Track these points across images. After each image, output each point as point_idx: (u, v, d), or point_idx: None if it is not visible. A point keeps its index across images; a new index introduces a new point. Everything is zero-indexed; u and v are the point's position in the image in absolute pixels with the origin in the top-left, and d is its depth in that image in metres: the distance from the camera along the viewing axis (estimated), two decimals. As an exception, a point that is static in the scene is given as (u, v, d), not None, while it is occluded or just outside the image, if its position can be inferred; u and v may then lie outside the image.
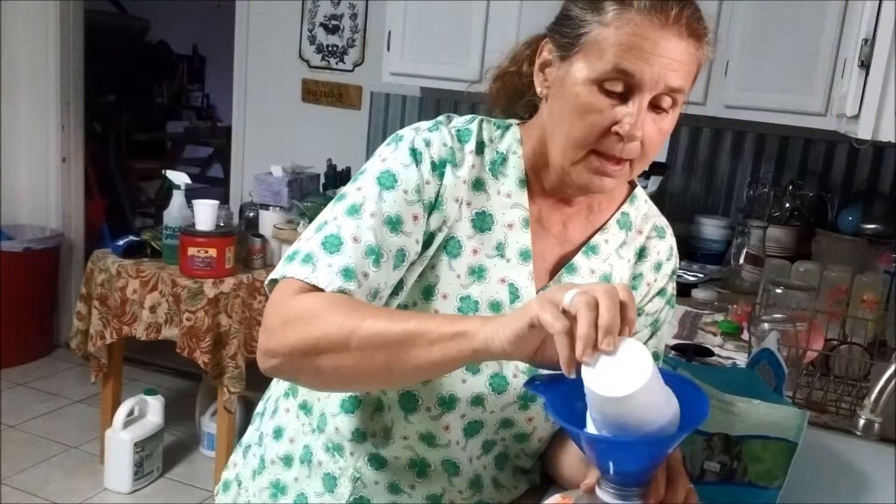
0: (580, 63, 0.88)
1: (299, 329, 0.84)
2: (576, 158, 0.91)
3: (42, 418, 3.34)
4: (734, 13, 2.41)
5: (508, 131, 1.00)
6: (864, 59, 1.38)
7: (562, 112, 0.91)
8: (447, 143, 0.95)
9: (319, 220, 0.94)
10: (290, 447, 1.06)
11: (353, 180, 0.96)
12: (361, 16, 3.35)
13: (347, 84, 3.41)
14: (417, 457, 0.99)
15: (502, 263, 0.96)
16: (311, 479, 1.03)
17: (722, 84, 2.45)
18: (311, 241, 0.91)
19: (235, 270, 2.76)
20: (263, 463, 1.09)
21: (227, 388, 2.71)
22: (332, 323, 0.83)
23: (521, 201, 0.98)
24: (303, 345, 0.84)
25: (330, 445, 1.02)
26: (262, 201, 3.02)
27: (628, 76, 0.86)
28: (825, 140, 2.68)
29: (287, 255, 0.91)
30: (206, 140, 6.69)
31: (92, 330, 2.79)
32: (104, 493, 2.83)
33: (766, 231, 2.40)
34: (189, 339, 2.62)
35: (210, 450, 3.03)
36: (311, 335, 0.83)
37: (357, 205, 0.92)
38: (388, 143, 0.98)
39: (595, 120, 0.87)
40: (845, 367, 1.53)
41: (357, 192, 0.93)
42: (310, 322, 0.84)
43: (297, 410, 1.06)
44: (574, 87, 0.88)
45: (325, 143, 3.36)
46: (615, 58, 0.85)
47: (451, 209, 0.95)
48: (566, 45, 0.90)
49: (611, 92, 0.87)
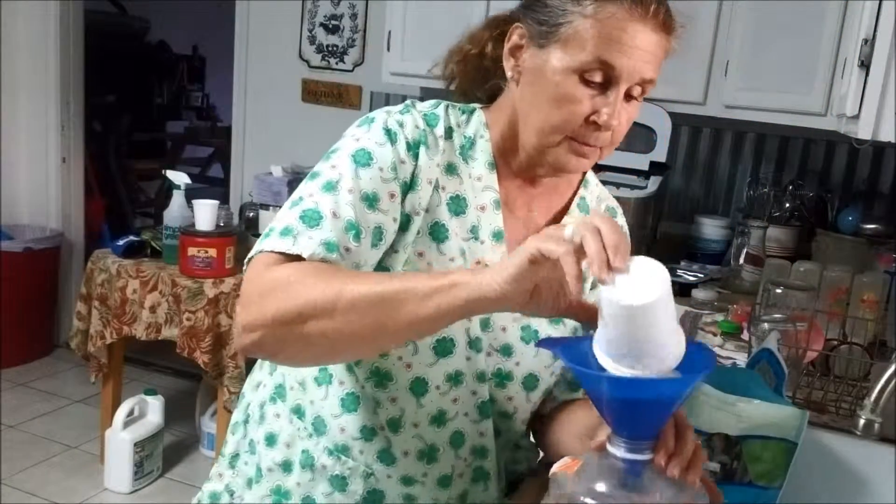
0: (558, 52, 0.89)
1: (280, 297, 0.81)
2: (551, 144, 0.93)
3: (42, 418, 3.34)
4: (734, 13, 2.41)
5: (473, 115, 1.02)
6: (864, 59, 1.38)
7: (538, 99, 0.92)
8: (419, 126, 0.96)
9: (293, 197, 0.92)
10: (287, 452, 1.05)
11: (325, 158, 0.95)
12: (361, 16, 3.35)
13: (347, 84, 3.41)
14: (426, 445, 1.01)
15: (477, 245, 0.98)
16: (316, 482, 1.03)
17: (722, 84, 2.45)
18: (287, 216, 0.88)
19: (235, 270, 2.76)
20: (260, 471, 1.07)
21: (227, 388, 2.71)
22: (314, 287, 0.80)
23: (491, 184, 0.99)
24: (284, 313, 0.80)
25: (333, 448, 1.01)
26: (262, 201, 3.02)
27: (608, 68, 0.87)
28: (825, 140, 2.68)
29: (263, 233, 0.89)
30: (206, 140, 6.69)
31: (92, 330, 2.80)
32: (104, 493, 2.83)
33: (766, 231, 2.40)
34: (189, 339, 2.62)
35: (210, 450, 3.03)
36: (294, 302, 0.80)
37: (333, 181, 0.91)
38: (359, 125, 0.97)
39: (574, 109, 0.89)
40: (845, 367, 1.53)
41: (332, 170, 0.92)
42: (290, 289, 0.81)
43: (290, 415, 1.05)
44: (553, 76, 0.90)
45: (325, 143, 3.31)
46: (597, 49, 0.87)
47: (425, 191, 0.95)
48: (543, 33, 0.91)
49: (590, 82, 0.89)
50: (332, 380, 1.01)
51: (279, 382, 1.07)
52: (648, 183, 2.47)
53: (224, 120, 6.39)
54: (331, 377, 1.01)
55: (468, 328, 0.96)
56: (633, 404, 0.71)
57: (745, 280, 2.33)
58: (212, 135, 6.67)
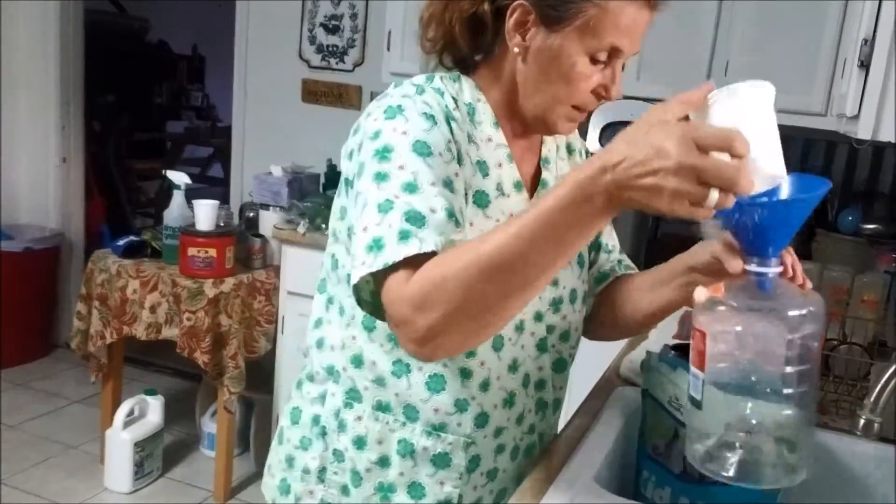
0: (573, 36, 0.97)
1: (442, 296, 0.80)
2: (556, 112, 1.03)
3: (42, 418, 3.34)
4: (734, 13, 2.41)
5: (461, 82, 1.06)
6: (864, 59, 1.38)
7: (549, 75, 1.00)
8: (440, 103, 0.99)
9: (377, 201, 0.89)
10: (381, 449, 1.07)
11: (382, 159, 0.92)
12: (361, 16, 3.35)
13: (347, 84, 3.41)
14: (507, 393, 1.09)
15: (505, 200, 1.05)
16: (419, 466, 1.07)
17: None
18: (390, 223, 0.86)
19: (235, 270, 2.76)
20: (358, 475, 1.08)
21: (227, 388, 2.71)
22: (464, 269, 0.79)
23: (501, 141, 1.07)
24: (455, 308, 0.80)
25: (430, 429, 1.06)
26: (262, 201, 3.02)
27: (616, 50, 0.98)
28: (825, 140, 2.68)
29: (364, 247, 0.86)
30: (206, 140, 6.69)
31: (92, 330, 2.80)
32: (104, 493, 2.83)
33: (766, 231, 2.40)
34: (189, 339, 2.62)
35: (210, 450, 3.03)
36: (457, 293, 0.80)
37: (411, 181, 0.89)
38: (390, 117, 0.96)
39: (584, 85, 1.00)
40: (845, 367, 1.53)
41: (402, 171, 0.90)
42: (446, 284, 0.80)
43: (373, 413, 1.07)
44: (567, 58, 0.98)
45: (325, 143, 3.36)
46: (609, 36, 0.96)
47: (467, 164, 1.01)
48: (555, 17, 0.97)
49: (597, 60, 0.98)
50: (411, 368, 1.04)
51: (350, 387, 1.08)
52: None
53: (224, 120, 6.39)
54: (408, 366, 1.04)
55: None
56: (770, 226, 0.82)
57: (745, 280, 2.32)
58: (212, 135, 6.66)
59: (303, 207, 2.84)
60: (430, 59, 1.10)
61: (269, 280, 2.86)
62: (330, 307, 1.10)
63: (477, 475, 1.10)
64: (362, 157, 0.95)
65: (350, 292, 0.95)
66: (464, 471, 1.08)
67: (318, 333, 1.12)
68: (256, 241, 2.89)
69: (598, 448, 1.11)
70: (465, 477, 1.08)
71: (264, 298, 2.84)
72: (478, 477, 1.10)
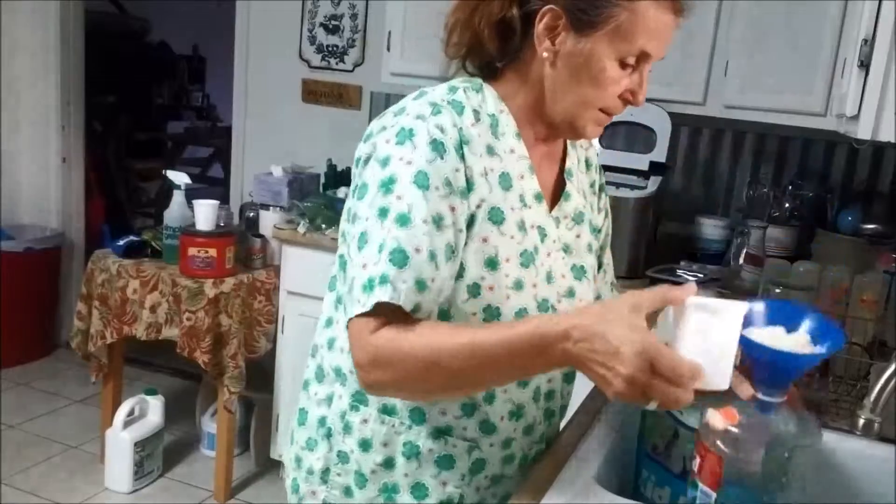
0: (604, 41, 0.98)
1: (398, 369, 0.92)
2: (585, 116, 1.04)
3: (42, 418, 3.34)
4: (734, 13, 2.41)
5: (483, 91, 1.06)
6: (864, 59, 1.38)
7: (579, 79, 1.01)
8: (456, 124, 0.99)
9: (378, 241, 0.95)
10: (386, 451, 1.08)
11: (384, 190, 0.96)
12: (361, 16, 3.35)
13: (347, 84, 3.41)
14: (515, 405, 1.10)
15: (526, 211, 1.06)
16: (423, 467, 1.08)
17: (722, 84, 2.45)
18: (378, 261, 0.94)
19: (236, 270, 2.76)
20: (363, 477, 1.10)
21: (227, 388, 2.71)
22: (428, 351, 0.91)
23: (522, 152, 1.07)
24: (405, 385, 0.95)
25: (436, 432, 1.07)
26: (262, 201, 3.01)
27: (645, 54, 1.00)
28: (825, 140, 2.68)
29: (361, 286, 0.94)
30: (207, 140, 6.69)
31: (92, 330, 2.80)
32: (104, 493, 2.83)
33: (766, 231, 2.40)
34: (189, 338, 2.62)
35: (210, 450, 3.03)
36: (415, 378, 0.93)
37: (405, 213, 0.94)
38: (400, 143, 0.98)
39: (613, 89, 1.01)
40: (845, 367, 1.53)
41: (399, 202, 0.95)
42: (405, 358, 0.92)
43: (378, 416, 1.08)
44: (598, 62, 0.99)
45: (325, 144, 3.36)
46: (639, 41, 0.98)
47: (481, 185, 1.01)
48: (587, 22, 0.98)
49: (626, 65, 1.00)
50: None
51: (356, 390, 1.09)
52: (648, 183, 2.47)
53: (224, 120, 6.39)
54: None
55: (535, 293, 1.06)
56: (784, 370, 0.91)
57: (745, 280, 2.32)
58: (212, 135, 6.67)
59: (303, 207, 2.84)
60: (451, 64, 1.10)
61: (270, 280, 2.86)
62: (338, 306, 1.11)
63: (480, 478, 1.11)
64: (367, 178, 0.99)
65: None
66: (467, 472, 1.09)
67: (328, 333, 1.13)
68: (256, 241, 2.89)
69: (598, 448, 1.11)
70: (467, 478, 1.10)
71: (264, 298, 2.84)
72: (481, 479, 1.11)
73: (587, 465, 1.05)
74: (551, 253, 1.08)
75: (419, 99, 1.02)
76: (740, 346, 0.86)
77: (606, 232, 1.26)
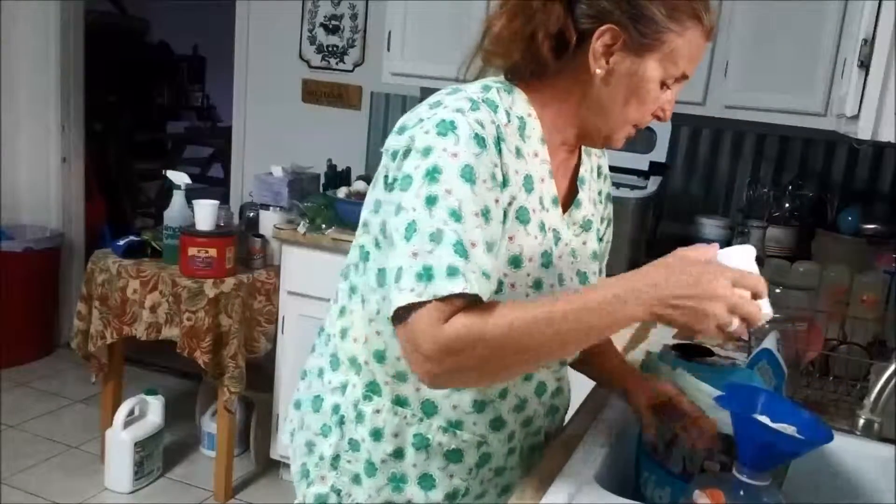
0: (653, 62, 1.02)
1: (473, 352, 0.90)
2: (624, 131, 1.08)
3: (42, 418, 3.34)
4: (734, 13, 2.41)
5: (514, 95, 1.07)
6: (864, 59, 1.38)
7: (626, 97, 1.04)
8: (493, 121, 1.00)
9: (428, 230, 0.93)
10: (396, 441, 1.11)
11: (431, 180, 0.95)
12: (361, 16, 3.35)
13: (348, 84, 3.41)
14: (519, 399, 1.14)
15: (545, 214, 1.08)
16: (431, 459, 1.11)
17: (722, 84, 2.45)
18: (440, 255, 0.92)
19: (236, 270, 2.76)
20: (373, 466, 1.12)
21: (227, 388, 2.71)
22: (501, 334, 0.90)
23: (545, 157, 1.09)
24: (485, 363, 0.92)
25: (447, 425, 1.10)
26: (262, 201, 3.01)
27: (684, 77, 1.05)
28: (825, 140, 2.68)
29: (414, 274, 0.91)
30: (207, 140, 6.69)
31: (92, 330, 2.80)
32: (104, 493, 2.83)
33: (766, 231, 2.40)
34: (189, 339, 2.62)
35: (210, 450, 3.03)
36: (490, 352, 0.91)
37: (456, 209, 0.94)
38: (441, 134, 0.97)
39: (653, 107, 1.06)
40: (845, 367, 1.53)
41: (449, 195, 0.94)
42: (476, 345, 0.90)
43: (392, 407, 1.10)
44: (646, 83, 1.03)
45: (325, 144, 3.36)
46: (684, 65, 1.03)
47: (513, 183, 1.03)
48: (644, 44, 1.01)
49: (665, 85, 1.05)
50: None
51: (370, 380, 1.11)
52: (648, 183, 2.47)
53: (224, 120, 6.39)
54: None
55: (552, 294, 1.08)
56: (780, 451, 0.92)
57: (745, 280, 2.32)
58: (212, 135, 6.67)
59: (303, 207, 2.84)
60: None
61: (270, 280, 2.86)
62: (353, 296, 1.13)
63: (485, 470, 1.15)
64: (409, 170, 0.97)
65: (376, 288, 1.06)
66: (474, 466, 1.13)
67: (342, 322, 1.15)
68: (257, 242, 2.89)
69: (598, 448, 1.11)
70: (474, 472, 1.13)
71: (264, 298, 2.84)
72: (486, 472, 1.15)
73: (587, 465, 1.05)
74: (563, 256, 1.11)
75: (455, 94, 1.03)
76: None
77: (607, 240, 1.28)
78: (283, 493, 2.97)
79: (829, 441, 0.91)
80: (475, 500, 1.16)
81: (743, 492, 0.90)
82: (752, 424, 0.90)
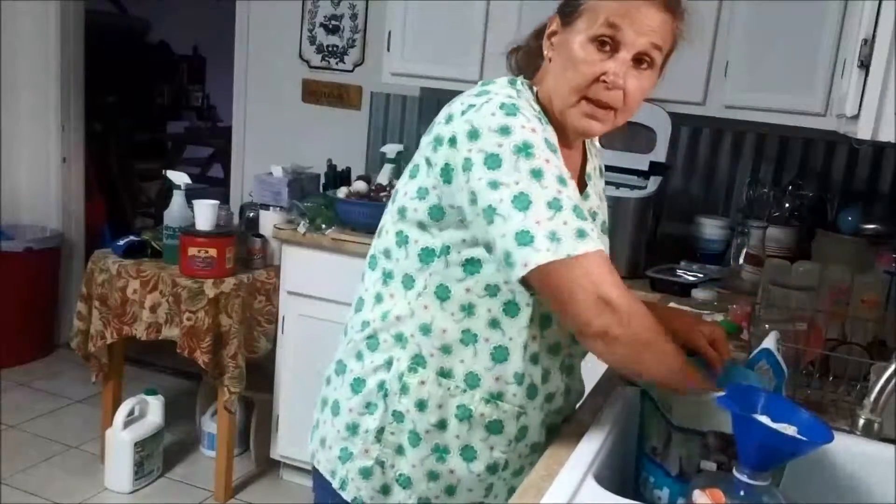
0: (579, 25, 1.09)
1: (641, 325, 1.04)
2: (571, 103, 1.11)
3: (42, 418, 3.34)
4: (734, 13, 2.41)
5: (532, 91, 1.17)
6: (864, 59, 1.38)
7: (563, 66, 1.11)
8: (533, 107, 1.11)
9: (545, 199, 1.00)
10: (440, 412, 1.15)
11: (529, 156, 1.02)
12: (361, 16, 3.35)
13: (348, 84, 3.41)
14: (544, 370, 1.19)
15: None
16: (474, 430, 1.15)
17: (722, 84, 2.45)
18: (565, 220, 1.00)
19: (236, 270, 2.76)
20: (417, 436, 1.16)
21: (227, 388, 2.71)
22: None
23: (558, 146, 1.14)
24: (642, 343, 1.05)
25: (489, 397, 1.15)
26: (262, 201, 3.01)
27: (615, 29, 1.06)
28: (825, 140, 2.68)
29: (545, 237, 0.99)
30: (207, 140, 6.69)
31: (92, 330, 2.80)
32: (104, 493, 2.83)
33: (766, 231, 2.40)
34: (189, 339, 2.62)
35: (210, 450, 3.03)
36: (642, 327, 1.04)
37: (561, 175, 1.03)
38: (511, 115, 1.04)
39: (587, 70, 1.08)
40: (845, 367, 1.53)
41: (549, 165, 1.03)
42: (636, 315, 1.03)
43: (437, 378, 1.14)
44: (573, 45, 1.09)
45: (325, 144, 3.36)
46: (607, 15, 1.06)
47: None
48: (569, 13, 1.11)
49: (601, 48, 1.07)
50: (479, 338, 1.13)
51: (415, 353, 1.15)
52: (648, 183, 2.47)
53: (224, 120, 6.39)
54: (476, 336, 1.13)
55: None
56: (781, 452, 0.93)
57: (745, 280, 2.33)
58: (212, 135, 6.66)
59: (303, 207, 2.84)
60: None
61: (270, 280, 2.86)
62: (389, 281, 1.17)
63: (522, 445, 1.20)
64: (490, 149, 1.03)
65: (421, 266, 1.13)
66: (513, 438, 1.18)
67: (380, 308, 1.18)
68: (257, 242, 2.89)
69: (598, 447, 1.11)
70: (513, 444, 1.18)
71: (265, 298, 2.84)
72: (522, 447, 1.20)
73: (587, 464, 1.05)
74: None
75: (491, 83, 1.13)
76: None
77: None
78: (283, 493, 2.97)
79: (829, 441, 0.91)
80: (512, 476, 1.20)
81: (743, 492, 0.90)
82: (752, 424, 0.90)
